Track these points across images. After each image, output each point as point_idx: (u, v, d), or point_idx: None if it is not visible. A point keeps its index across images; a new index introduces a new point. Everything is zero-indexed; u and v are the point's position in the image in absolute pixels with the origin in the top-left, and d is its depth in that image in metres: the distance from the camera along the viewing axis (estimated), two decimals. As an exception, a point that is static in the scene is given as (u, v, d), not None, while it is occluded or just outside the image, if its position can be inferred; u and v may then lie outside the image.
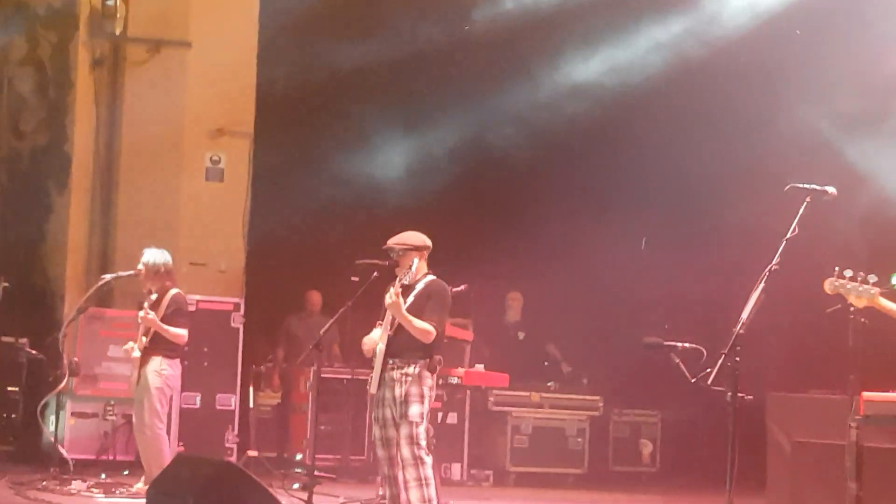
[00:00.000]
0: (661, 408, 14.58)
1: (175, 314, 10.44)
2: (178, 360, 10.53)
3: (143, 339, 10.37)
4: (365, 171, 14.63)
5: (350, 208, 14.49)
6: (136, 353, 10.39)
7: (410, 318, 8.17)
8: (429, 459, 8.18)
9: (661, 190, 14.13)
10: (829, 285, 6.75)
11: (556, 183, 15.11)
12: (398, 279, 8.23)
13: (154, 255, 10.69)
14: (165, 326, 10.34)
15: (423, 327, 8.17)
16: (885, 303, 6.62)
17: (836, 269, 6.74)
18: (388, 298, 8.15)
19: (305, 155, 14.50)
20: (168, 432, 10.90)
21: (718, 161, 13.47)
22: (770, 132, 13.15)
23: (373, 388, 8.35)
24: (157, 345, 10.40)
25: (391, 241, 8.51)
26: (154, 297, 10.51)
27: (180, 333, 10.43)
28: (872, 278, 6.67)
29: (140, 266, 10.66)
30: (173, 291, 10.55)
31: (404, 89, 14.96)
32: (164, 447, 10.40)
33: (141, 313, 10.37)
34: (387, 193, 14.70)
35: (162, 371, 10.37)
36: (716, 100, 13.26)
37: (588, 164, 14.79)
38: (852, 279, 6.71)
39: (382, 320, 8.37)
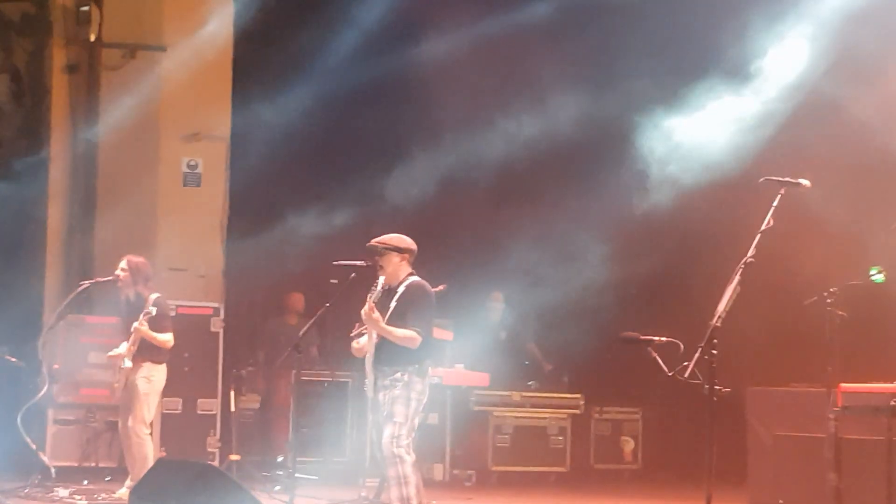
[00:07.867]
0: (642, 405, 14.60)
1: (159, 318, 10.42)
2: (164, 365, 10.56)
3: (131, 346, 10.39)
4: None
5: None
6: (128, 364, 10.40)
7: (390, 329, 8.16)
8: (409, 458, 8.17)
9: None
10: None
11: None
12: (370, 293, 8.17)
13: (134, 262, 10.68)
14: (153, 334, 10.37)
15: (405, 335, 8.16)
16: None
17: None
18: (364, 315, 8.14)
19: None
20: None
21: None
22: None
23: (370, 392, 8.38)
24: (144, 351, 10.41)
25: (374, 240, 8.51)
26: (132, 300, 10.51)
27: (167, 339, 10.49)
28: None
29: (119, 272, 10.64)
30: (154, 296, 10.51)
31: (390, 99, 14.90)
32: (149, 453, 10.41)
33: (136, 324, 10.35)
34: (366, 196, 14.66)
35: (151, 377, 10.43)
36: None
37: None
38: None
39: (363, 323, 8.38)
